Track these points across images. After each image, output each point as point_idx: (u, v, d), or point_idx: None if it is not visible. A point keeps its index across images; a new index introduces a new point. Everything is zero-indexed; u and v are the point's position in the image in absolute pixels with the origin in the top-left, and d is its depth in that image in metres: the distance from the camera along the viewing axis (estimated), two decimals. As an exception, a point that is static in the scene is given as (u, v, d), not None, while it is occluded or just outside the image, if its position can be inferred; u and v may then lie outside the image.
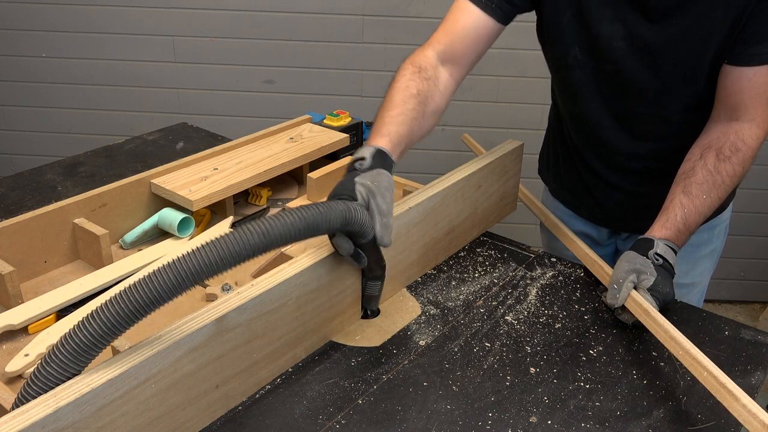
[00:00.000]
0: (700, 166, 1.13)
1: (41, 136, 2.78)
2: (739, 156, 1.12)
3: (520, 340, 1.08)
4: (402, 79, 1.17)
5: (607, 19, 1.15)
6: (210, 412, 0.91)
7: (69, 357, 0.74)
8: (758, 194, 2.69)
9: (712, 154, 1.13)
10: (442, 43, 1.22)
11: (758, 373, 1.02)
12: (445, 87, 1.21)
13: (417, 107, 1.14)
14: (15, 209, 1.43)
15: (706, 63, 1.13)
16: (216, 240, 0.79)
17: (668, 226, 1.11)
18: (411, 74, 1.18)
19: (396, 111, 1.12)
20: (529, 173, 1.66)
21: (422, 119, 1.15)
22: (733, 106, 1.13)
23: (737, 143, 1.12)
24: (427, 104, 1.16)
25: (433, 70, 1.20)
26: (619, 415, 0.94)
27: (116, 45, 2.60)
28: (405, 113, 1.12)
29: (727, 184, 1.12)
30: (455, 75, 1.23)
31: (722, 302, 2.96)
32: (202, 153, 1.46)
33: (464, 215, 1.29)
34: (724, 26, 1.08)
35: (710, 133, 1.16)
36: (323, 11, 2.52)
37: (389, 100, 1.15)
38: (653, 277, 1.06)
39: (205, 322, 0.85)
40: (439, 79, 1.20)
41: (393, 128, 1.10)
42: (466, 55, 1.23)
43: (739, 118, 1.13)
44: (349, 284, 1.07)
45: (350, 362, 1.03)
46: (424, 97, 1.16)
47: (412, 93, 1.15)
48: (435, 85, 1.19)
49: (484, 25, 1.20)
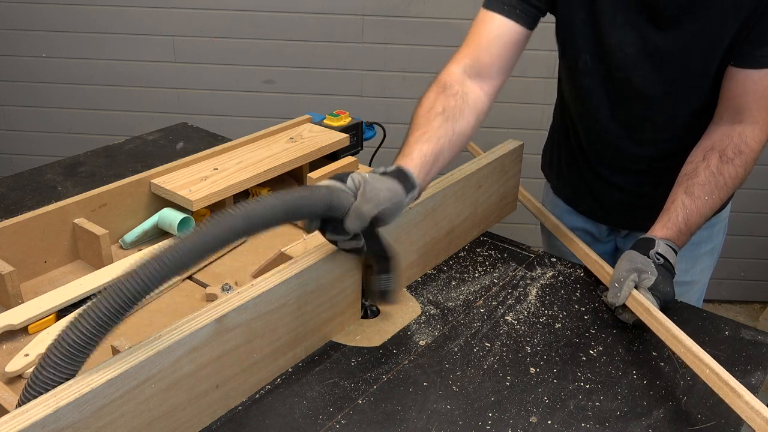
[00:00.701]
0: (703, 167, 1.13)
1: (41, 136, 2.78)
2: (742, 158, 1.12)
3: (520, 340, 1.08)
4: (426, 102, 1.12)
5: (619, 26, 1.14)
6: (210, 412, 0.91)
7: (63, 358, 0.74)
8: (758, 194, 2.69)
9: (715, 155, 1.13)
10: (468, 56, 1.18)
11: (758, 373, 1.02)
12: (475, 102, 1.15)
13: (444, 124, 1.08)
14: (15, 209, 1.43)
15: (715, 65, 1.13)
16: (199, 226, 0.78)
17: (669, 226, 1.11)
18: (435, 94, 1.13)
19: (420, 131, 1.07)
20: (529, 173, 1.66)
21: (452, 136, 1.08)
22: (736, 108, 1.13)
23: (740, 146, 1.12)
24: (456, 120, 1.10)
25: (460, 85, 1.14)
26: (619, 415, 0.94)
27: (116, 45, 2.60)
28: (430, 132, 1.06)
29: (729, 186, 1.13)
30: (486, 88, 1.17)
31: (722, 302, 2.96)
32: (202, 153, 1.46)
33: (464, 215, 1.29)
34: (734, 29, 1.08)
35: (713, 135, 1.16)
36: (323, 11, 2.52)
37: (413, 124, 1.09)
38: (654, 276, 1.06)
39: (205, 322, 0.85)
40: (468, 95, 1.14)
41: (416, 147, 1.04)
42: (495, 66, 1.18)
43: (742, 120, 1.13)
44: (349, 284, 1.07)
45: (350, 362, 1.03)
46: (452, 114, 1.10)
47: (437, 111, 1.09)
48: (464, 101, 1.12)
49: (509, 32, 1.17)
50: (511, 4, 1.17)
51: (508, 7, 1.17)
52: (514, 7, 1.17)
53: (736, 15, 1.07)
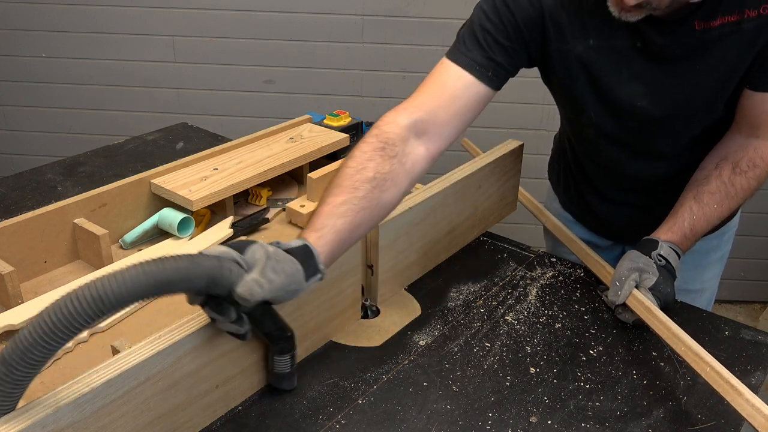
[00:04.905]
0: (715, 176, 1.12)
1: (41, 136, 2.78)
2: (756, 172, 1.11)
3: (520, 340, 1.08)
4: (360, 157, 0.98)
5: (625, 81, 1.09)
6: (210, 412, 0.91)
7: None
8: (759, 195, 2.67)
9: (728, 166, 1.12)
10: (422, 110, 1.05)
11: (758, 373, 1.02)
12: (413, 165, 1.02)
13: (369, 193, 0.95)
14: (15, 209, 1.43)
15: (727, 94, 1.10)
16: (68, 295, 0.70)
17: (675, 230, 1.11)
18: (372, 151, 0.99)
19: (341, 198, 0.94)
20: (529, 173, 1.66)
21: (375, 209, 0.97)
22: (753, 124, 1.11)
23: (755, 159, 1.11)
24: (384, 189, 0.97)
25: (402, 144, 1.01)
26: (619, 415, 0.94)
27: (116, 45, 2.60)
28: (351, 202, 0.93)
29: (739, 197, 1.12)
30: (432, 149, 1.05)
31: (722, 302, 2.96)
32: (202, 153, 1.45)
33: (464, 215, 1.29)
34: (747, 61, 1.05)
35: (728, 145, 1.14)
36: (323, 11, 2.52)
37: (338, 183, 0.96)
38: (655, 276, 1.06)
39: (205, 322, 0.85)
40: (407, 156, 1.02)
41: (330, 221, 0.91)
42: (450, 126, 1.06)
43: (759, 135, 1.11)
44: (349, 284, 1.07)
45: (350, 362, 1.03)
46: (382, 181, 0.97)
47: (367, 177, 0.96)
48: (400, 164, 1.00)
49: (476, 92, 1.07)
50: (483, 66, 1.07)
51: (480, 67, 1.07)
52: (486, 69, 1.07)
53: (751, 50, 1.03)
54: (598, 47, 1.08)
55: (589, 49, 1.08)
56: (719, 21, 1.01)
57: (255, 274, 0.80)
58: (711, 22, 1.01)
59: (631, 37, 1.06)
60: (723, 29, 1.02)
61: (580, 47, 1.09)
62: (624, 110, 1.13)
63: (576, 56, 1.10)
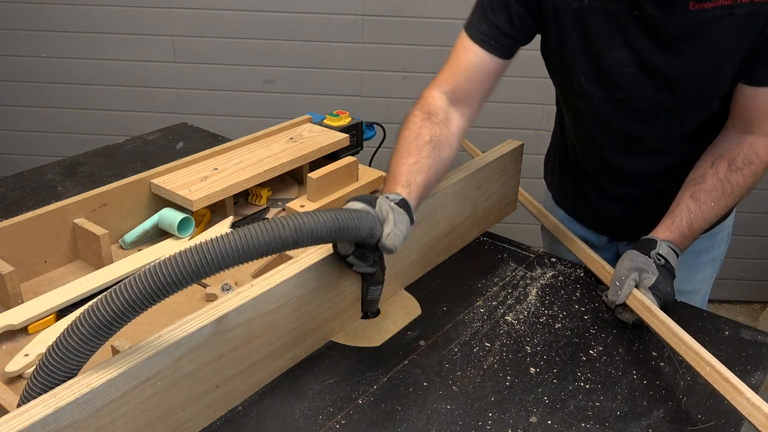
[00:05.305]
0: (711, 174, 1.12)
1: (41, 136, 2.78)
2: (752, 168, 1.12)
3: (520, 340, 1.08)
4: (413, 126, 1.13)
5: (616, 46, 1.11)
6: (210, 412, 0.91)
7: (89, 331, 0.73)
8: (758, 194, 2.68)
9: (724, 163, 1.12)
10: (449, 83, 1.19)
11: (758, 373, 1.02)
12: (457, 128, 1.17)
13: (432, 154, 1.10)
14: (15, 209, 1.43)
15: (722, 86, 1.11)
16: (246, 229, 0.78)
17: (673, 229, 1.11)
18: (421, 120, 1.14)
19: (412, 159, 1.08)
20: (529, 173, 1.66)
21: (438, 165, 1.11)
22: (748, 120, 1.12)
23: (751, 156, 1.11)
24: (441, 150, 1.12)
25: (444, 113, 1.16)
26: (619, 415, 0.94)
27: (116, 45, 2.60)
28: (421, 161, 1.08)
29: (736, 194, 1.12)
30: (467, 114, 1.19)
31: (722, 302, 2.96)
32: (202, 153, 1.45)
33: (464, 215, 1.29)
34: (741, 50, 1.06)
35: (723, 142, 1.15)
36: (323, 11, 2.52)
37: (404, 149, 1.10)
38: (655, 276, 1.06)
39: (205, 322, 0.85)
40: (450, 122, 1.16)
41: (412, 178, 1.05)
42: (474, 93, 1.19)
43: (754, 131, 1.12)
44: (349, 284, 1.07)
45: (350, 362, 1.03)
46: (438, 143, 1.11)
47: (425, 140, 1.10)
48: (447, 128, 1.15)
49: (486, 62, 1.17)
50: (486, 35, 1.15)
51: (484, 37, 1.15)
52: (488, 38, 1.15)
53: (742, 37, 1.04)
54: (594, 7, 1.09)
55: (584, 7, 1.10)
56: (713, 3, 1.02)
57: (392, 227, 0.95)
58: (705, 4, 1.02)
59: (629, 3, 1.07)
60: (716, 12, 1.03)
61: (576, 4, 1.10)
62: (613, 75, 1.14)
63: (571, 12, 1.11)
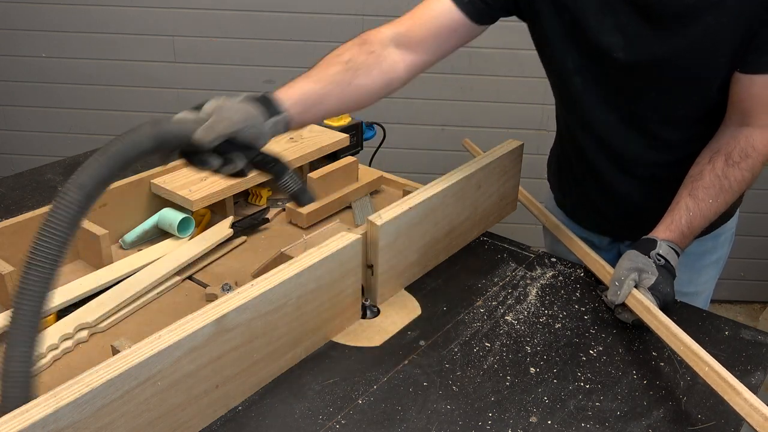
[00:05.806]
0: (709, 170, 1.12)
1: (41, 136, 2.78)
2: (749, 162, 1.11)
3: (520, 340, 1.08)
4: (337, 50, 1.10)
5: (607, 30, 1.10)
6: (210, 412, 0.91)
7: None
8: (758, 194, 2.68)
9: (721, 158, 1.12)
10: (404, 25, 1.17)
11: (758, 373, 1.02)
12: (390, 68, 1.13)
13: (341, 73, 1.06)
14: (15, 209, 1.43)
15: (716, 72, 1.10)
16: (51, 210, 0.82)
17: (673, 229, 1.11)
18: (351, 44, 1.11)
19: (314, 71, 1.05)
20: (529, 173, 1.66)
21: (344, 87, 1.06)
22: (744, 111, 1.11)
23: (747, 149, 1.11)
24: (356, 75, 1.07)
25: (381, 46, 1.13)
26: (619, 415, 0.94)
27: (116, 45, 2.60)
28: (321, 74, 1.05)
29: (734, 189, 1.11)
30: (408, 61, 1.15)
31: (722, 302, 2.96)
32: (202, 153, 1.45)
33: (464, 215, 1.29)
34: (735, 35, 1.05)
35: (720, 138, 1.14)
36: (323, 11, 2.52)
37: (317, 64, 1.08)
38: (654, 276, 1.06)
39: (205, 322, 0.85)
40: (384, 58, 1.12)
41: (299, 82, 1.03)
42: (425, 44, 1.15)
43: (750, 123, 1.11)
44: (349, 284, 1.07)
45: (350, 362, 1.03)
46: (355, 68, 1.07)
47: (341, 60, 1.08)
48: (376, 62, 1.11)
49: (452, 18, 1.14)
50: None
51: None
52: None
53: (735, 21, 1.04)
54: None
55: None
56: None
57: (209, 121, 0.92)
58: None
59: None
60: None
61: None
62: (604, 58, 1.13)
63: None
